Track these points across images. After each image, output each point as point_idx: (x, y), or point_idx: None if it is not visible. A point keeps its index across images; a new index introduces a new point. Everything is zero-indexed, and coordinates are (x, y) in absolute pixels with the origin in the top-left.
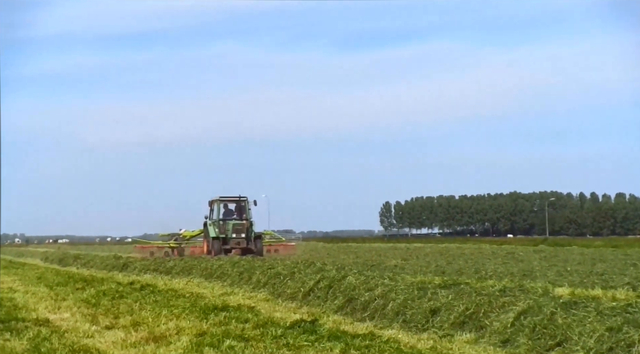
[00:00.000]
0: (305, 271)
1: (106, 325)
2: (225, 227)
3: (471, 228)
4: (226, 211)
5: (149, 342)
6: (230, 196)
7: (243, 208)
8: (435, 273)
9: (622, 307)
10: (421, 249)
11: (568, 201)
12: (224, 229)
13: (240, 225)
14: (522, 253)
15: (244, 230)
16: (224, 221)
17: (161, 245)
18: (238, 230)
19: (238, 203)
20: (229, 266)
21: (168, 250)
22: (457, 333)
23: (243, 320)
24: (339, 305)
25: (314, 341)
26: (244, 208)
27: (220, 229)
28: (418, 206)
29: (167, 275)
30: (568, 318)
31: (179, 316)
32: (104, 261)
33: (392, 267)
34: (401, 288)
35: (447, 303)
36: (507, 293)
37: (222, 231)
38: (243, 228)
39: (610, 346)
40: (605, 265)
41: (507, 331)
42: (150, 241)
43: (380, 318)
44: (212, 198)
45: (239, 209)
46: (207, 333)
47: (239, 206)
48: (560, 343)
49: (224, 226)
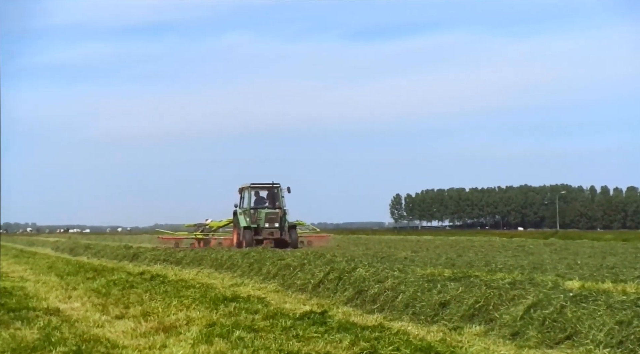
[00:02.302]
0: (315, 263)
1: (116, 315)
2: (257, 216)
3: (481, 220)
4: (257, 199)
5: (158, 332)
6: (263, 183)
7: (276, 195)
8: (445, 265)
9: (632, 301)
10: (431, 241)
11: (579, 195)
12: (256, 218)
13: (273, 213)
14: (532, 246)
15: (277, 219)
16: (256, 209)
17: (186, 236)
18: (271, 219)
19: (271, 190)
20: (239, 257)
21: (194, 241)
22: (467, 325)
23: (253, 311)
24: (349, 297)
25: (323, 333)
26: (277, 196)
27: (252, 218)
28: (428, 198)
29: (178, 265)
30: (578, 311)
31: (189, 306)
32: (114, 251)
33: (402, 259)
34: (411, 280)
35: (456, 296)
36: (517, 286)
37: (254, 220)
38: (277, 217)
39: (620, 340)
40: (615, 258)
41: (517, 324)
42: (175, 233)
43: (390, 310)
44: (242, 185)
45: (271, 197)
46: (216, 324)
47: (271, 194)
48: (569, 336)
49: (255, 215)
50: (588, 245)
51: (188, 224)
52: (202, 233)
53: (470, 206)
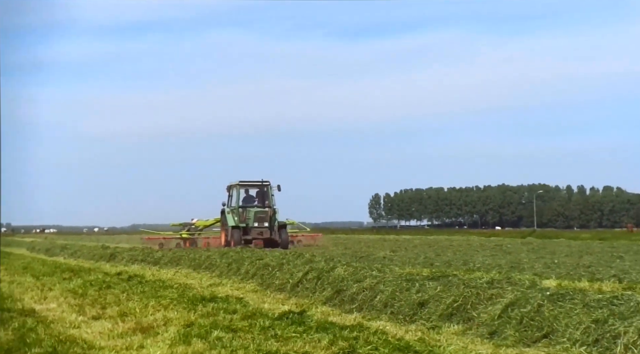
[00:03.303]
0: (294, 263)
1: (93, 315)
2: (246, 215)
3: (460, 220)
4: (246, 197)
5: (136, 332)
6: (252, 181)
7: (266, 193)
8: (424, 264)
9: (608, 299)
10: (410, 241)
11: (556, 194)
12: (245, 217)
13: (263, 212)
14: (510, 245)
15: (267, 218)
16: (244, 208)
17: (172, 236)
18: (261, 218)
19: (260, 188)
20: (218, 256)
21: (179, 241)
22: (445, 324)
23: (231, 311)
24: (328, 296)
25: (302, 332)
26: (267, 194)
27: (241, 217)
28: (407, 198)
29: (155, 265)
30: (555, 310)
31: (166, 306)
32: (91, 251)
33: (380, 259)
34: (389, 279)
35: (435, 295)
36: (495, 285)
37: (243, 219)
38: (266, 216)
39: (596, 338)
40: (592, 257)
41: (495, 322)
42: (160, 232)
43: (369, 310)
44: (230, 183)
45: (261, 195)
46: (195, 324)
47: (261, 192)
48: (546, 334)
49: (244, 213)
50: (565, 244)
51: (173, 223)
52: (188, 232)
53: (449, 205)
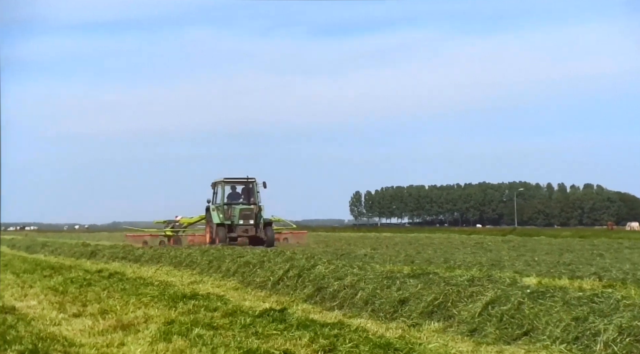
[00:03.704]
0: (275, 260)
1: (73, 313)
2: (231, 212)
3: (440, 217)
4: (232, 194)
5: (116, 330)
6: (237, 178)
7: (251, 190)
8: (405, 262)
9: (588, 297)
10: (391, 238)
11: (536, 192)
12: (230, 214)
13: (248, 209)
14: (490, 242)
15: (252, 215)
16: (230, 205)
17: (156, 233)
18: (246, 215)
19: (246, 185)
20: (198, 254)
21: (163, 238)
22: (426, 322)
23: (212, 309)
24: (308, 294)
25: (282, 330)
26: (252, 191)
27: (226, 214)
28: (388, 195)
29: (136, 262)
30: (535, 307)
31: (147, 304)
32: (72, 248)
33: (361, 256)
34: (370, 277)
35: (415, 293)
36: (476, 282)
37: (228, 217)
38: (252, 213)
39: (576, 336)
40: (572, 255)
41: (475, 320)
42: (144, 229)
43: (349, 307)
44: (215, 180)
45: (246, 192)
46: (175, 321)
47: (246, 189)
48: (527, 332)
49: (229, 211)
50: (545, 242)
51: (157, 221)
52: (172, 229)
53: (430, 203)
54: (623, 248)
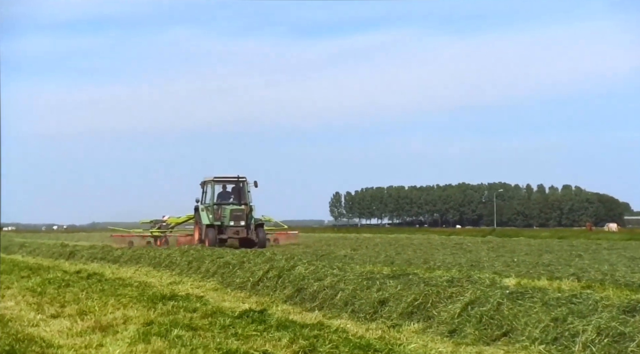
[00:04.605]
0: (255, 261)
1: (52, 314)
2: (221, 213)
3: (420, 218)
4: (221, 194)
5: (95, 331)
6: (227, 176)
7: (242, 190)
8: (384, 263)
9: (567, 298)
10: (370, 239)
11: (516, 193)
12: (220, 215)
13: (239, 210)
14: (470, 243)
15: (243, 216)
16: (220, 205)
17: (142, 234)
18: (237, 216)
19: (236, 184)
20: (178, 255)
21: (150, 239)
22: (405, 322)
23: (191, 309)
24: (288, 295)
25: (262, 331)
26: (243, 191)
27: (215, 215)
28: (368, 196)
29: (115, 263)
30: (514, 308)
31: (126, 305)
32: (50, 249)
33: (341, 257)
34: (350, 278)
35: (395, 293)
36: (455, 283)
37: (218, 217)
38: (243, 214)
39: (555, 336)
40: (551, 255)
41: (455, 321)
42: (130, 230)
43: (329, 308)
44: (205, 178)
45: (236, 191)
46: (154, 322)
47: (236, 188)
48: (506, 333)
49: (219, 211)
50: (524, 243)
51: (143, 220)
52: (159, 229)
53: (410, 204)
54: (601, 249)
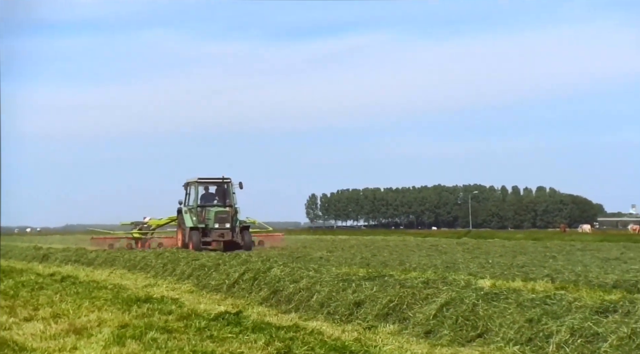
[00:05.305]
0: (230, 263)
1: (25, 317)
2: (205, 215)
3: (396, 220)
4: (204, 195)
5: (69, 334)
6: (211, 178)
7: (227, 191)
8: (360, 265)
9: (542, 299)
10: (346, 241)
11: (491, 195)
12: (204, 217)
13: (224, 212)
14: (445, 245)
15: (228, 218)
16: (204, 207)
17: (122, 236)
18: (222, 218)
19: (220, 185)
20: (153, 257)
21: (131, 241)
22: (381, 324)
23: (166, 312)
24: (264, 297)
25: (238, 333)
26: (228, 192)
27: (199, 217)
28: (344, 198)
29: (89, 266)
30: (489, 309)
31: (100, 307)
32: (23, 252)
33: (317, 259)
34: (326, 280)
35: (371, 295)
36: (431, 285)
37: (202, 220)
38: (228, 216)
39: (530, 337)
40: (525, 257)
41: (430, 322)
42: (111, 232)
43: (305, 310)
44: (188, 180)
45: (221, 193)
46: (129, 325)
47: (221, 190)
48: (481, 334)
49: (203, 213)
50: (499, 244)
51: (124, 222)
52: (140, 231)
53: (385, 206)
54: (575, 250)
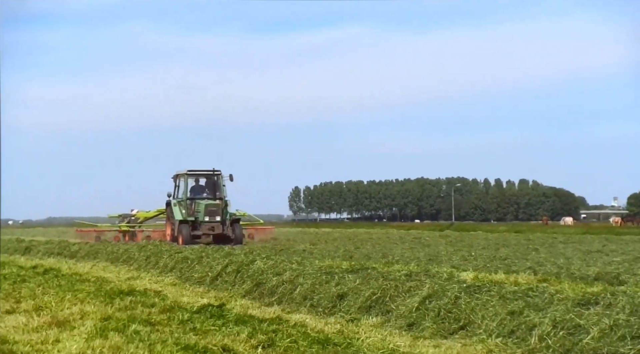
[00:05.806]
0: (213, 256)
1: (7, 310)
2: (195, 208)
3: (379, 213)
4: (194, 188)
5: (51, 326)
6: (201, 170)
7: (217, 184)
8: (343, 257)
9: (524, 291)
10: (330, 234)
11: (474, 187)
12: (194, 210)
13: (214, 205)
14: (428, 238)
15: (219, 211)
16: (193, 200)
17: (110, 228)
18: (212, 211)
19: (210, 178)
20: (136, 250)
21: (119, 234)
22: (364, 317)
23: (149, 305)
24: (247, 290)
25: (221, 326)
26: (218, 184)
27: (189, 210)
28: (327, 191)
29: (72, 258)
30: (472, 302)
31: (83, 300)
32: (5, 244)
33: (300, 252)
34: (309, 272)
35: (354, 288)
36: (413, 277)
37: (192, 213)
38: (218, 209)
39: (512, 329)
40: (508, 249)
41: (413, 315)
42: (97, 224)
43: (288, 303)
44: (177, 172)
45: (211, 185)
46: (112, 318)
47: (211, 182)
48: (463, 326)
49: (193, 206)
50: (482, 237)
51: (111, 215)
52: (128, 224)
53: (368, 198)
54: (557, 243)
